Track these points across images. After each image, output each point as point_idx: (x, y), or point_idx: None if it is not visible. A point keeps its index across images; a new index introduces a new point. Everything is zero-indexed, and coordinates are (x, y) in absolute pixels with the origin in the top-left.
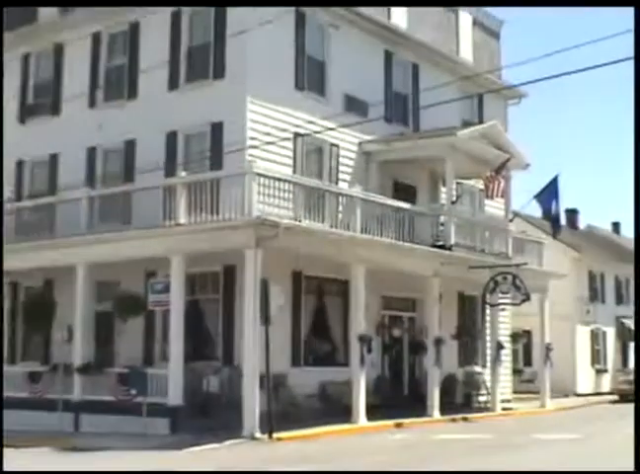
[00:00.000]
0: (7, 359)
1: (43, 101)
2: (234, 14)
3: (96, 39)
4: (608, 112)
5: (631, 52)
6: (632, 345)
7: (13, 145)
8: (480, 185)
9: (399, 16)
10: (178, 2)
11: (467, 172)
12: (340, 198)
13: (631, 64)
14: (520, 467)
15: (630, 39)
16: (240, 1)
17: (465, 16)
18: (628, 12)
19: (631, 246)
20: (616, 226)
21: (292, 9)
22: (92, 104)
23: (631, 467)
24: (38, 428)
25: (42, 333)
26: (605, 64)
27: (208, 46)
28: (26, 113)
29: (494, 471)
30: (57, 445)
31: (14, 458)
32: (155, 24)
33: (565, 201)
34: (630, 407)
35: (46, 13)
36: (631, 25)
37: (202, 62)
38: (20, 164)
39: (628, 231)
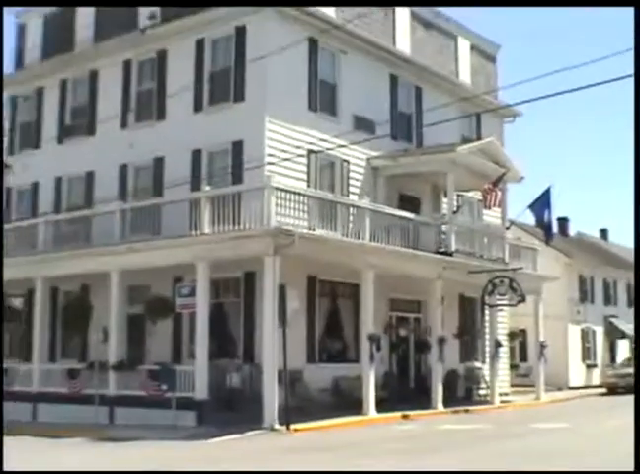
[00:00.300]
0: (48, 358)
1: (80, 122)
2: (253, 41)
3: (127, 65)
4: (597, 126)
5: (610, 73)
6: (619, 342)
7: (52, 163)
8: (479, 196)
9: (403, 42)
10: (181, 2)
11: (467, 184)
12: (350, 210)
13: (615, 83)
14: (520, 454)
15: (609, 62)
16: (240, 1)
17: (464, 41)
18: (618, 34)
19: (618, 251)
20: (604, 233)
21: (306, 37)
22: (124, 125)
23: (620, 451)
24: (76, 420)
25: (80, 334)
26: (587, 87)
27: (229, 71)
28: (64, 133)
29: (496, 471)
30: (94, 436)
31: (54, 448)
32: (181, 51)
33: (556, 211)
34: (617, 399)
35: (82, 43)
36: (613, 48)
37: (224, 86)
38: (59, 180)
39: (615, 237)
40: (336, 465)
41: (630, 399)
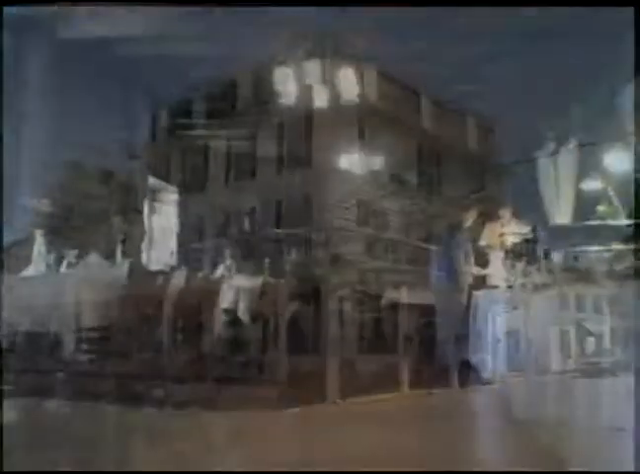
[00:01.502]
0: None
1: (195, 182)
2: (317, 128)
3: (228, 141)
4: None
5: None
6: (588, 339)
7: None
8: None
9: (426, 121)
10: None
11: None
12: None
13: None
14: (525, 422)
15: None
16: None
17: (470, 119)
18: None
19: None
20: (576, 259)
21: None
22: (226, 182)
23: (595, 419)
24: None
25: None
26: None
27: (302, 145)
28: (183, 190)
29: (498, 471)
30: None
31: None
32: (266, 132)
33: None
34: (587, 381)
35: (197, 125)
36: None
37: (297, 156)
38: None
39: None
40: (383, 432)
41: (596, 381)
